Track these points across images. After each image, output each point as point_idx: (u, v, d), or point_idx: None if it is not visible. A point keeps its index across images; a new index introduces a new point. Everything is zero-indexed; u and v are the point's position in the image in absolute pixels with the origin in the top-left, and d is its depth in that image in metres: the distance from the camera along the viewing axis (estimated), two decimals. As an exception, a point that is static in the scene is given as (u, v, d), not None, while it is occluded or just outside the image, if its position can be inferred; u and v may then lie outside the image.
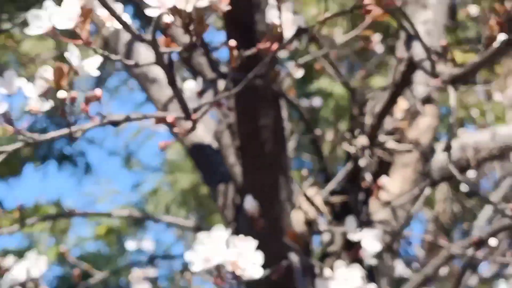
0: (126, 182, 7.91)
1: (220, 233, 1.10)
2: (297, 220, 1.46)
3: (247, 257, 1.10)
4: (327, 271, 1.24)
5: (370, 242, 1.28)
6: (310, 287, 1.21)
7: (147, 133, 4.30)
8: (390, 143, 1.64)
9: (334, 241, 1.59)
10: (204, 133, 1.74)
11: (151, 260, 1.89)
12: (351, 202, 1.61)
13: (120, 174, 8.84)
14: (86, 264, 1.83)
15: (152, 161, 5.04)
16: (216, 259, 1.09)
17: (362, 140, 1.55)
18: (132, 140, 4.34)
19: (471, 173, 1.90)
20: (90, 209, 4.83)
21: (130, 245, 2.47)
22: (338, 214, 1.61)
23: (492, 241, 1.44)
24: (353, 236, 1.30)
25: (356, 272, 1.24)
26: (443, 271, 2.61)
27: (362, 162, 1.54)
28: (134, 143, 4.36)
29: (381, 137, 1.64)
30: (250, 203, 1.26)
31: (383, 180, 1.60)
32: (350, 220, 1.32)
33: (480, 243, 1.43)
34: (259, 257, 1.11)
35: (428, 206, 3.27)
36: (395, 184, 1.67)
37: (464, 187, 3.23)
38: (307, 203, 1.49)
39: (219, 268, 1.10)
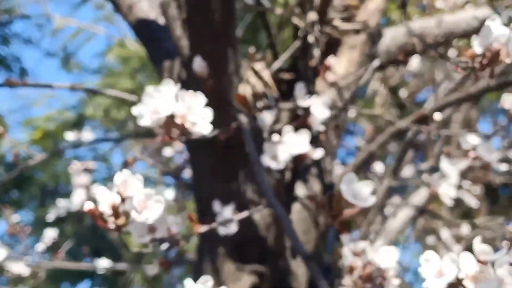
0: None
1: (169, 86, 1.07)
2: (244, 93, 1.44)
3: (196, 111, 1.08)
4: (275, 136, 1.23)
5: (319, 108, 1.27)
6: (258, 150, 1.20)
7: (86, 35, 4.19)
8: (339, 22, 1.62)
9: (280, 118, 1.58)
10: (149, 8, 1.69)
11: (92, 143, 1.85)
12: (299, 80, 1.59)
13: (57, 76, 8.61)
14: (24, 144, 1.78)
15: (91, 64, 4.94)
16: (165, 111, 1.06)
17: (312, 16, 1.52)
18: (70, 42, 4.22)
19: (415, 60, 1.91)
20: (25, 114, 4.73)
21: (70, 136, 2.42)
22: (285, 93, 1.60)
23: (437, 116, 1.45)
24: (302, 103, 1.28)
25: (303, 137, 1.23)
26: (380, 168, 2.67)
27: (310, 38, 1.52)
28: (72, 44, 4.25)
29: (331, 14, 1.62)
30: (198, 64, 1.23)
31: (330, 60, 1.58)
32: (300, 87, 1.30)
33: (425, 118, 1.44)
34: (209, 112, 1.08)
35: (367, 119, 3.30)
36: (341, 65, 1.66)
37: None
38: (254, 77, 1.47)
39: (167, 122, 1.08)
